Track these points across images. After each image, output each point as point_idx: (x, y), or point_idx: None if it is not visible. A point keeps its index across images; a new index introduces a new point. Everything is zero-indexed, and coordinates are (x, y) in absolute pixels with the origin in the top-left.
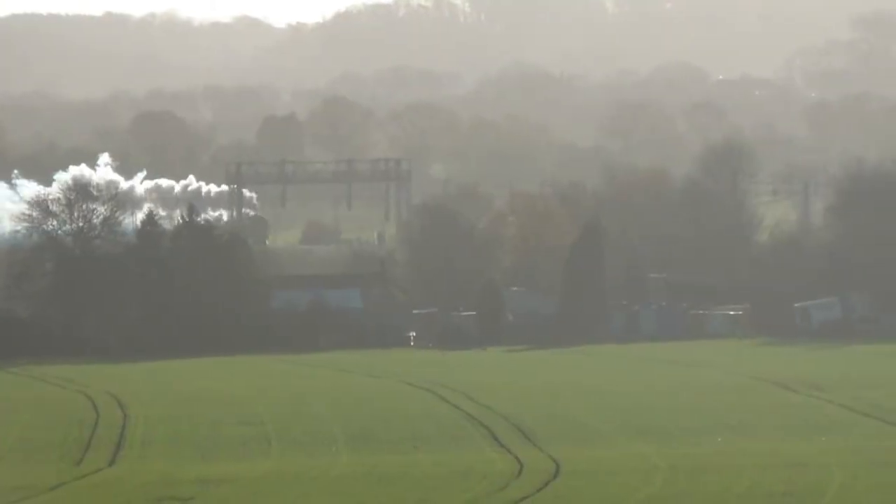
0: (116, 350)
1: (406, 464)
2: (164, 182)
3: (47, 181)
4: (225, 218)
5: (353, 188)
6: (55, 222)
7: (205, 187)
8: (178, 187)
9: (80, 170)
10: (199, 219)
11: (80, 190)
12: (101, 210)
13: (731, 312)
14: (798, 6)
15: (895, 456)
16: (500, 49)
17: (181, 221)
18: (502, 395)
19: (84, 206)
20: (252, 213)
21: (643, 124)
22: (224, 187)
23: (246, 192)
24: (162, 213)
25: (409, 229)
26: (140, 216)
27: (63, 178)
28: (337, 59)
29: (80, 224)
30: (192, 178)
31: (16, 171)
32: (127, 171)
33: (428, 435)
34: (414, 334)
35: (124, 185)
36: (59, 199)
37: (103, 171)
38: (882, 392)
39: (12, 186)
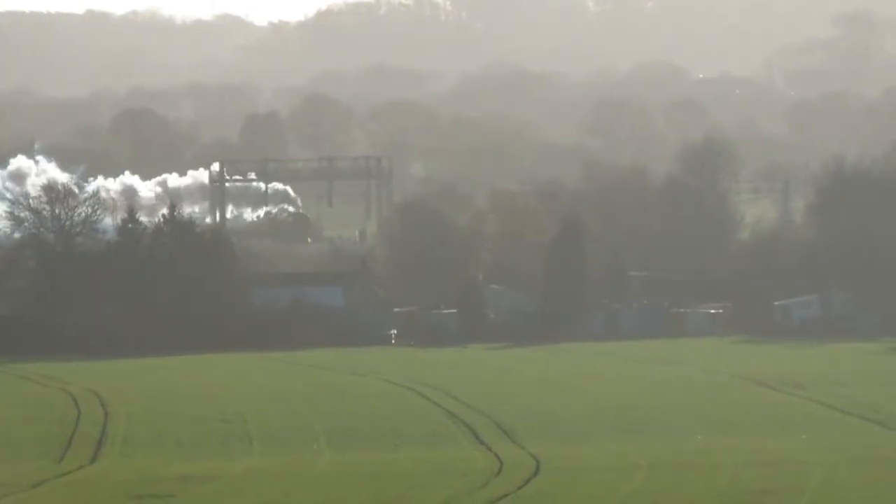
0: (98, 347)
1: (387, 461)
2: (143, 179)
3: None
4: (208, 218)
5: (334, 186)
6: (36, 220)
7: (185, 183)
8: (158, 184)
9: (18, 161)
10: (180, 216)
11: (62, 190)
12: (83, 208)
13: (712, 310)
14: (778, 5)
15: (875, 453)
16: (482, 47)
17: (162, 219)
18: (483, 393)
19: (66, 204)
20: (291, 208)
21: (624, 122)
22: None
23: (283, 186)
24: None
25: (389, 227)
26: (121, 214)
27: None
28: (318, 56)
29: (62, 222)
30: (175, 175)
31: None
32: (108, 169)
33: (409, 433)
34: (395, 332)
35: (96, 184)
36: (40, 197)
37: (45, 165)
38: (862, 389)
39: None
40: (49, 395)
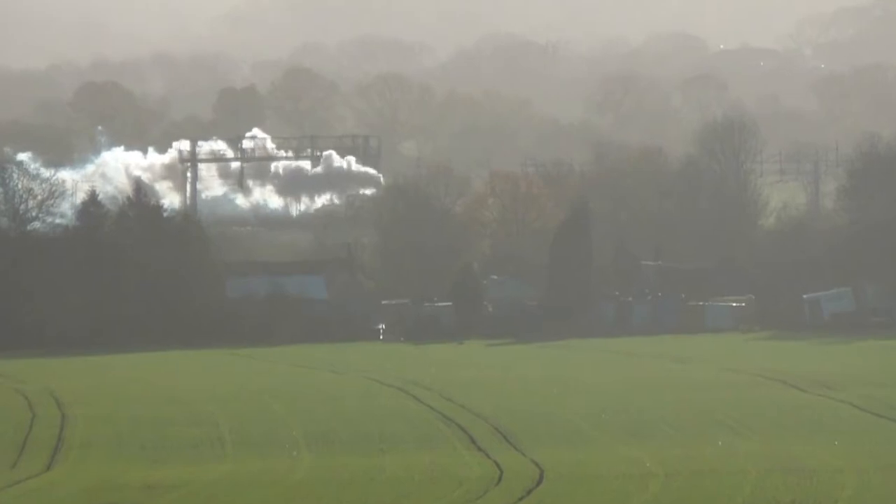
0: (55, 342)
1: (373, 468)
2: (112, 156)
3: None
4: (176, 201)
5: None
6: None
7: (155, 163)
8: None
9: None
10: (146, 198)
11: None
12: (38, 190)
13: (733, 304)
14: None
15: None
16: (477, 17)
17: (127, 201)
18: (480, 393)
19: (20, 185)
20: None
21: (634, 98)
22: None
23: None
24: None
25: (378, 212)
26: (81, 196)
27: None
28: (300, 27)
29: (16, 205)
30: (139, 153)
31: None
32: (69, 147)
33: (397, 436)
34: (383, 326)
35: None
36: None
37: None
38: None
39: None
40: (0, 395)
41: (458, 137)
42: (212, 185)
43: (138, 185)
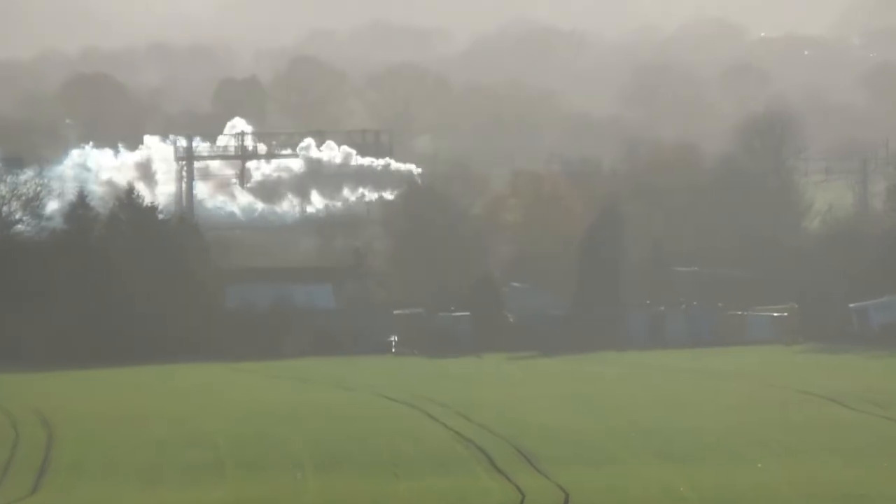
0: (40, 356)
1: (384, 493)
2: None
3: None
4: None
5: None
6: None
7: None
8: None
9: None
10: (140, 200)
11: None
12: (23, 190)
13: (775, 314)
14: None
15: None
16: (499, 1)
17: (118, 203)
18: (501, 412)
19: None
20: None
21: (669, 91)
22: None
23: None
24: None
25: (390, 214)
26: (70, 197)
27: None
28: (306, 12)
29: None
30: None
31: None
32: (56, 143)
33: (412, 459)
34: (395, 339)
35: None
36: None
37: None
38: None
39: None
40: None
41: (477, 133)
42: (210, 184)
43: (131, 186)
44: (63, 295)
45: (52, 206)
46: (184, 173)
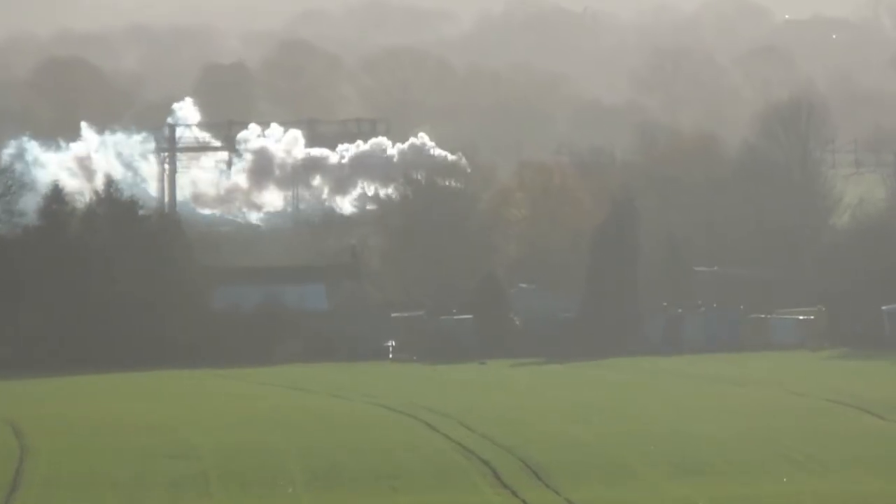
0: (13, 362)
1: None
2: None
3: None
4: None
5: None
6: None
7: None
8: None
9: None
10: (119, 195)
11: None
12: None
13: (801, 317)
14: None
15: None
16: None
17: (96, 198)
18: (506, 422)
19: None
20: None
21: (687, 76)
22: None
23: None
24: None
25: (387, 209)
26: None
27: None
28: None
29: None
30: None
31: None
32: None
33: (410, 472)
34: (393, 343)
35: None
36: None
37: None
38: None
39: None
40: None
41: (481, 121)
42: (196, 177)
43: (109, 180)
44: (36, 296)
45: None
46: (166, 165)
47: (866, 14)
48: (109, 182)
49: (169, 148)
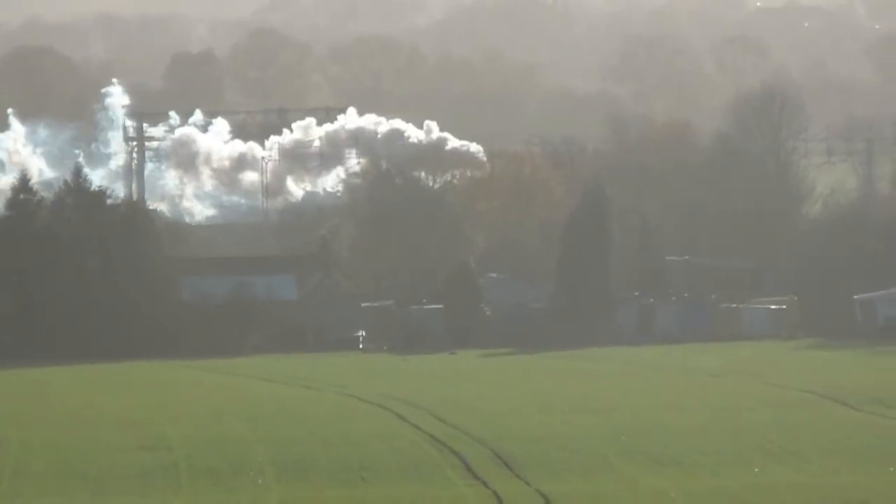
0: None
1: (353, 500)
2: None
3: None
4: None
5: None
6: None
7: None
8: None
9: None
10: (87, 184)
11: None
12: None
13: (773, 307)
14: None
15: None
16: None
17: (64, 187)
18: (477, 413)
19: None
20: None
21: (660, 64)
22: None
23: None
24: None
25: (356, 199)
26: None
27: None
28: None
29: None
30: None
31: None
32: None
33: (381, 463)
34: (363, 334)
35: None
36: None
37: None
38: None
39: None
40: None
41: (451, 109)
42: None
43: (77, 169)
44: (3, 286)
45: None
46: (135, 154)
47: (840, 2)
48: (78, 170)
49: (137, 136)
